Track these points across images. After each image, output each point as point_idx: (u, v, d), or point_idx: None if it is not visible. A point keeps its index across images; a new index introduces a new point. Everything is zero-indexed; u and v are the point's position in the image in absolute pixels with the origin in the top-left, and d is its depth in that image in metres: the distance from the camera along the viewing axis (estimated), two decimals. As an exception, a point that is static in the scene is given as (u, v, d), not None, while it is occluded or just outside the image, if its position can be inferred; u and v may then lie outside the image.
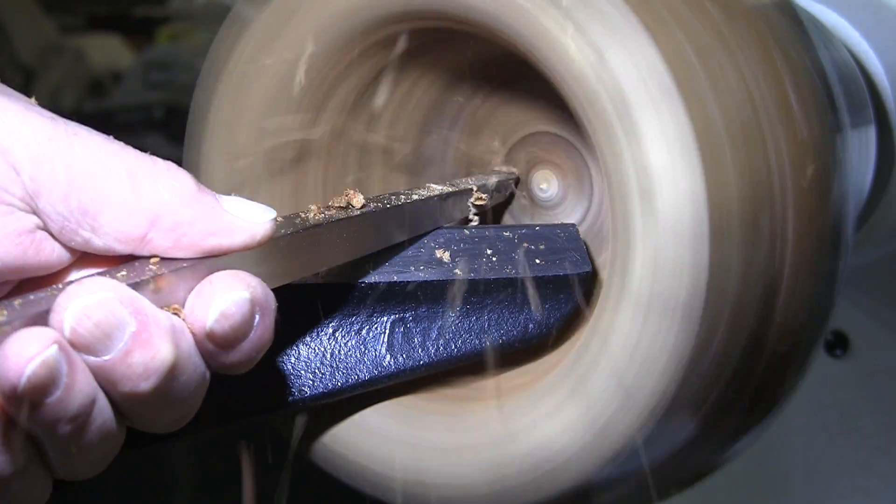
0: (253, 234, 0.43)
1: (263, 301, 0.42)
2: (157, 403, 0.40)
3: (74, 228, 0.41)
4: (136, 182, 0.41)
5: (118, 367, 0.38)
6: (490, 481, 0.53)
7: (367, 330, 0.54)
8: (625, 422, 0.49)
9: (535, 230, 0.57)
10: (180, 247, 0.41)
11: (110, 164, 0.41)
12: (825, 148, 0.49)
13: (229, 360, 0.42)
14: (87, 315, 0.37)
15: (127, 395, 0.39)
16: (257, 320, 0.42)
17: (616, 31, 0.47)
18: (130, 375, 0.38)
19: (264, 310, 0.42)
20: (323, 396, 0.53)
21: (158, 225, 0.41)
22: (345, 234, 0.50)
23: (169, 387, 0.40)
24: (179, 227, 0.41)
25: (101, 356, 0.38)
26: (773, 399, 0.52)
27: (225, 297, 0.41)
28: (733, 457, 0.54)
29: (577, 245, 0.56)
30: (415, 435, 0.56)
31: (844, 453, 0.89)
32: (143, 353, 0.38)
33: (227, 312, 0.41)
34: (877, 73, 0.74)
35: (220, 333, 0.41)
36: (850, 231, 0.51)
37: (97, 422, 0.39)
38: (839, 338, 0.88)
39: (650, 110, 0.46)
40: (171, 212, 0.41)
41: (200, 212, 0.42)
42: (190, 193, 0.42)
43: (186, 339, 0.40)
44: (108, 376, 0.38)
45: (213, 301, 0.41)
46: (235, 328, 0.41)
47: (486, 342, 0.55)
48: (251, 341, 0.42)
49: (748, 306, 0.47)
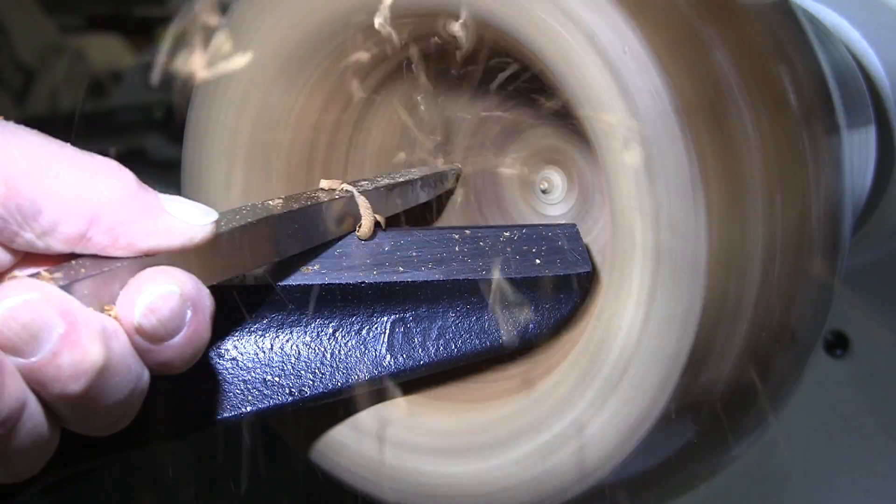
0: (192, 237, 0.43)
1: (195, 296, 0.42)
2: (89, 405, 0.40)
3: (15, 230, 0.41)
4: (75, 181, 0.41)
5: (47, 369, 0.38)
6: (493, 481, 0.53)
7: (368, 330, 0.54)
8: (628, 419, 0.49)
9: (535, 230, 0.57)
10: (118, 246, 0.41)
11: (49, 164, 0.41)
12: (825, 148, 0.49)
13: (163, 357, 0.42)
14: (12, 316, 0.37)
15: (57, 396, 0.39)
16: (189, 316, 0.42)
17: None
18: (59, 377, 0.38)
19: (197, 305, 0.42)
20: (323, 396, 0.53)
21: (97, 224, 0.41)
22: (285, 230, 0.50)
23: (100, 388, 0.39)
24: (118, 226, 0.41)
25: (28, 357, 0.38)
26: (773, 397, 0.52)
27: (151, 292, 0.41)
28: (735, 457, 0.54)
29: (578, 245, 0.56)
30: (415, 435, 0.56)
31: (844, 453, 0.89)
32: (72, 354, 0.38)
33: (153, 307, 0.40)
34: (877, 73, 0.74)
35: (149, 328, 0.41)
36: (848, 230, 0.51)
37: (27, 425, 0.39)
38: (839, 338, 0.88)
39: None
40: (109, 211, 0.41)
41: (140, 211, 0.42)
42: (130, 192, 0.42)
43: (119, 340, 0.40)
44: (37, 378, 0.38)
45: (140, 296, 0.40)
46: (164, 322, 0.41)
47: (486, 342, 0.55)
48: (184, 337, 0.42)
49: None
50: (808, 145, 0.48)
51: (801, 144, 0.48)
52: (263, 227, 0.48)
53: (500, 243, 0.56)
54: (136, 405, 0.43)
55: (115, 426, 0.43)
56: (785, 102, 0.48)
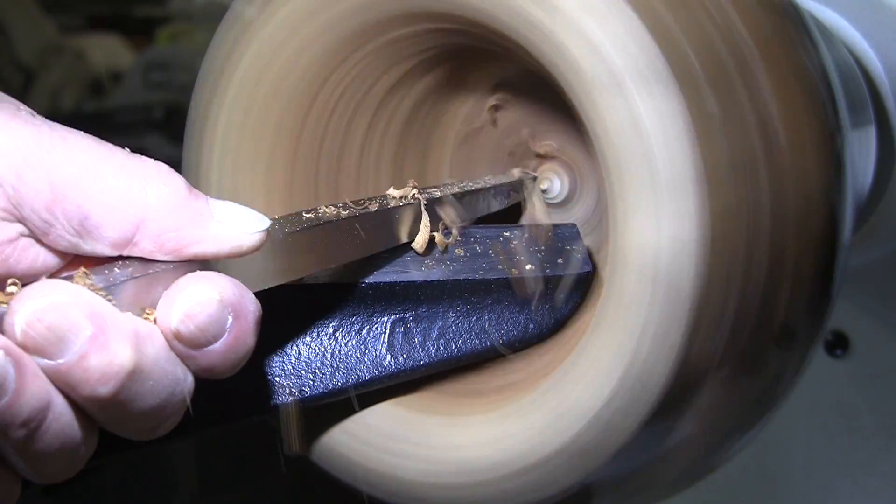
0: (239, 245, 0.43)
1: (237, 302, 0.41)
2: (122, 408, 0.40)
3: (61, 234, 0.41)
4: (122, 186, 0.41)
5: (74, 371, 0.38)
6: (499, 477, 0.53)
7: (368, 330, 0.54)
8: (629, 416, 0.49)
9: (535, 230, 0.57)
10: (165, 251, 0.41)
11: (96, 169, 0.41)
12: (826, 148, 0.49)
13: (205, 362, 0.41)
14: (38, 318, 0.37)
15: (87, 398, 0.39)
16: (230, 322, 0.41)
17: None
18: (88, 379, 0.38)
19: (239, 311, 0.41)
20: (323, 396, 0.53)
21: (144, 230, 0.41)
22: (345, 236, 0.49)
23: (133, 391, 0.39)
24: (165, 232, 0.41)
25: (55, 359, 0.37)
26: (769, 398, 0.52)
27: (189, 298, 0.40)
28: (734, 453, 0.54)
29: (578, 245, 0.56)
30: (416, 434, 0.56)
31: (844, 453, 0.89)
32: (100, 357, 0.38)
33: (190, 312, 0.40)
34: (877, 73, 0.74)
35: (187, 334, 0.40)
36: (848, 230, 0.51)
37: (54, 426, 0.39)
38: (839, 338, 0.88)
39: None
40: (156, 217, 0.41)
41: (188, 218, 0.41)
42: (178, 198, 0.42)
43: (155, 344, 0.40)
44: (66, 380, 0.38)
45: (178, 301, 0.40)
46: (202, 328, 0.40)
47: (487, 342, 0.55)
48: (225, 343, 0.41)
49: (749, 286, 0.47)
50: (810, 143, 0.48)
51: (802, 143, 0.48)
52: (319, 234, 0.48)
53: (501, 243, 0.56)
54: (179, 410, 0.42)
55: (156, 431, 0.42)
56: (785, 97, 0.48)
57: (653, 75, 0.46)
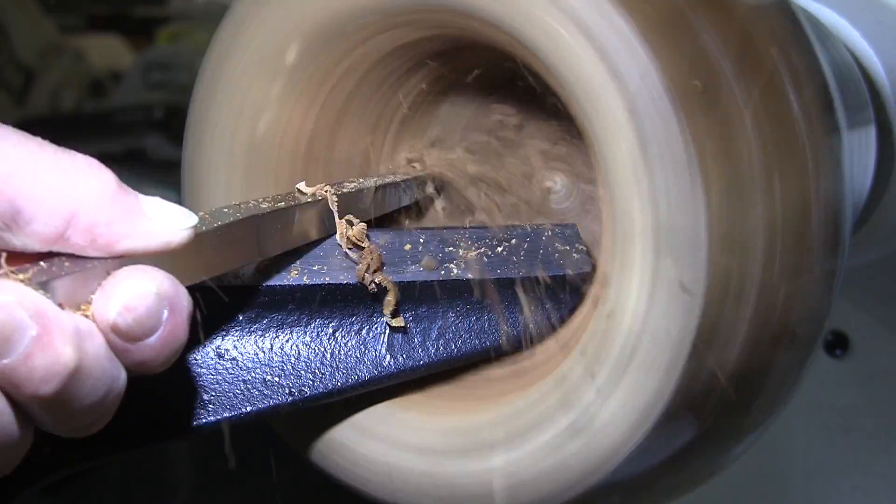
0: (169, 241, 0.43)
1: (172, 296, 0.42)
2: (63, 407, 0.40)
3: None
4: (53, 180, 0.40)
5: (19, 371, 0.38)
6: (497, 480, 0.53)
7: (368, 330, 0.54)
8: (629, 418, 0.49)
9: (535, 230, 0.57)
10: (96, 247, 0.41)
11: (27, 163, 0.40)
12: (825, 147, 0.49)
13: (139, 356, 0.41)
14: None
15: (29, 398, 0.39)
16: (165, 315, 0.41)
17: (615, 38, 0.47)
18: (32, 379, 0.38)
19: (174, 305, 0.42)
20: (323, 396, 0.53)
21: (75, 224, 0.41)
22: (270, 229, 0.49)
23: (74, 390, 0.39)
24: (96, 226, 0.41)
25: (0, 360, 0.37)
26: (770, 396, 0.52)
27: (127, 290, 0.40)
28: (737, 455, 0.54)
29: (578, 245, 0.56)
30: (417, 434, 0.56)
31: (844, 453, 0.89)
32: (45, 356, 0.38)
33: (129, 305, 0.40)
34: (877, 73, 0.74)
35: (125, 327, 0.40)
36: (848, 230, 0.51)
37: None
38: (839, 338, 0.88)
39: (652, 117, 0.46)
40: (87, 211, 0.41)
41: (118, 213, 0.41)
42: (109, 193, 0.41)
43: (94, 342, 0.40)
44: (9, 379, 0.38)
45: (115, 294, 0.40)
46: (140, 321, 0.40)
47: (486, 342, 0.55)
48: (160, 338, 0.41)
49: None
50: (808, 143, 0.48)
51: (801, 142, 0.48)
52: (245, 228, 0.48)
53: (501, 243, 0.56)
54: (113, 407, 0.42)
55: (91, 428, 0.42)
56: (783, 97, 0.48)
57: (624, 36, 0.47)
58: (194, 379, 0.51)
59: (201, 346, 0.52)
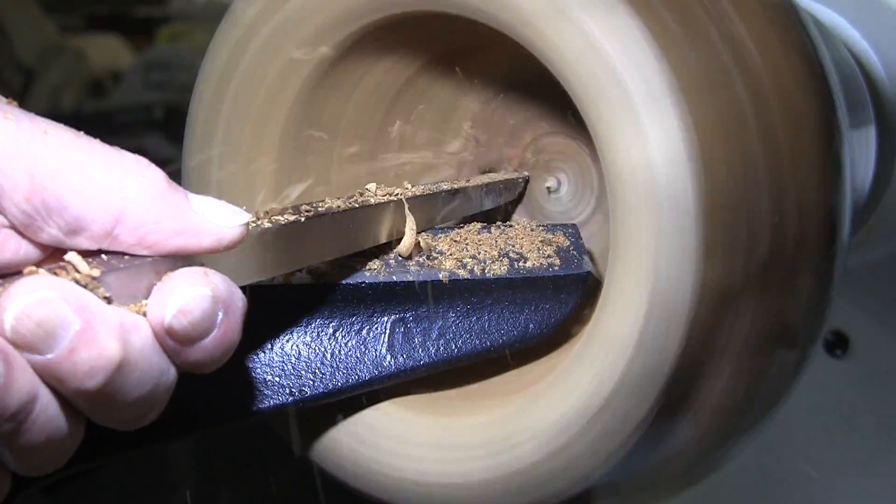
0: (220, 238, 0.42)
1: (227, 298, 0.42)
2: (109, 400, 0.40)
3: (41, 226, 0.41)
4: (102, 178, 0.41)
5: (63, 366, 0.38)
6: (499, 478, 0.53)
7: (368, 330, 0.54)
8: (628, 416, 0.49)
9: (535, 230, 0.57)
10: (145, 245, 0.41)
11: (76, 160, 0.40)
12: (826, 148, 0.49)
13: (193, 357, 0.42)
14: (27, 314, 0.37)
15: (75, 392, 0.39)
16: (220, 318, 0.41)
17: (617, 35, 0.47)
18: (76, 373, 0.38)
19: (228, 307, 0.42)
20: (323, 396, 0.53)
21: (123, 222, 0.41)
22: (331, 230, 0.49)
23: (120, 384, 0.39)
24: (144, 224, 0.41)
25: (44, 354, 0.38)
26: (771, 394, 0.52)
27: (184, 293, 0.40)
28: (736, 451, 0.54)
29: (578, 245, 0.56)
30: (416, 435, 0.56)
31: (844, 453, 0.89)
32: (89, 351, 0.38)
33: (185, 308, 0.40)
34: (877, 73, 0.74)
35: (180, 329, 0.40)
36: (848, 230, 0.51)
37: (41, 419, 0.39)
38: (839, 338, 0.88)
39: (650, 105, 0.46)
40: (136, 209, 0.41)
41: (167, 211, 0.41)
42: (158, 191, 0.41)
43: (140, 337, 0.40)
44: (54, 374, 0.38)
45: (172, 296, 0.40)
46: (195, 324, 0.41)
47: (487, 342, 0.55)
48: (214, 339, 0.42)
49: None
50: (810, 144, 0.48)
51: (803, 142, 0.48)
52: (301, 230, 0.47)
53: (501, 243, 0.56)
54: (163, 400, 0.42)
55: (141, 421, 0.43)
56: (789, 96, 0.48)
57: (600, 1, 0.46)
58: (194, 380, 0.51)
59: None
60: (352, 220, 0.51)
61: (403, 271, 0.54)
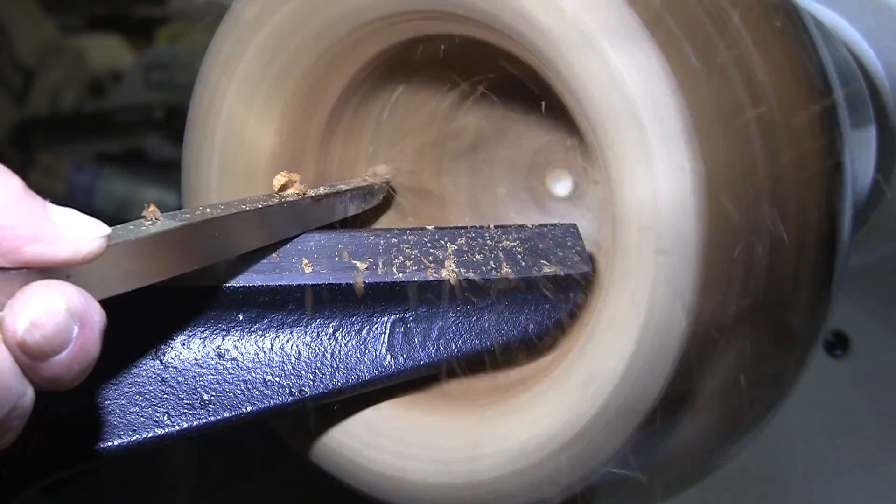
0: (77, 248, 0.40)
1: (83, 311, 0.40)
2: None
3: None
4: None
5: None
6: (490, 480, 0.53)
7: (368, 330, 0.54)
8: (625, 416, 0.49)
9: (535, 230, 0.57)
10: (1, 253, 0.39)
11: None
12: (826, 148, 0.49)
13: (48, 373, 0.40)
14: None
15: None
16: (76, 332, 0.40)
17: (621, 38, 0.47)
18: None
19: (85, 321, 0.40)
20: (323, 396, 0.53)
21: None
22: (198, 239, 0.48)
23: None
24: (0, 230, 0.39)
25: None
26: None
27: (36, 306, 0.39)
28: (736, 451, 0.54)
29: (578, 245, 0.56)
30: (416, 435, 0.56)
31: (844, 453, 0.89)
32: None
33: (37, 321, 0.39)
34: (877, 73, 0.74)
35: (32, 344, 0.39)
36: (848, 230, 0.51)
37: None
38: (839, 338, 0.88)
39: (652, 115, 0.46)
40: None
41: (24, 217, 0.40)
42: (14, 198, 0.40)
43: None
44: None
45: (24, 310, 0.39)
46: (48, 338, 0.39)
47: (487, 342, 0.55)
48: (70, 353, 0.40)
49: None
50: (810, 144, 0.48)
51: (804, 142, 0.48)
52: (168, 238, 0.46)
53: (501, 243, 0.56)
54: (18, 425, 0.40)
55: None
56: (797, 128, 0.48)
57: (625, 31, 0.46)
58: (195, 379, 0.51)
59: (202, 346, 0.52)
60: (225, 226, 0.49)
61: (402, 271, 0.54)
